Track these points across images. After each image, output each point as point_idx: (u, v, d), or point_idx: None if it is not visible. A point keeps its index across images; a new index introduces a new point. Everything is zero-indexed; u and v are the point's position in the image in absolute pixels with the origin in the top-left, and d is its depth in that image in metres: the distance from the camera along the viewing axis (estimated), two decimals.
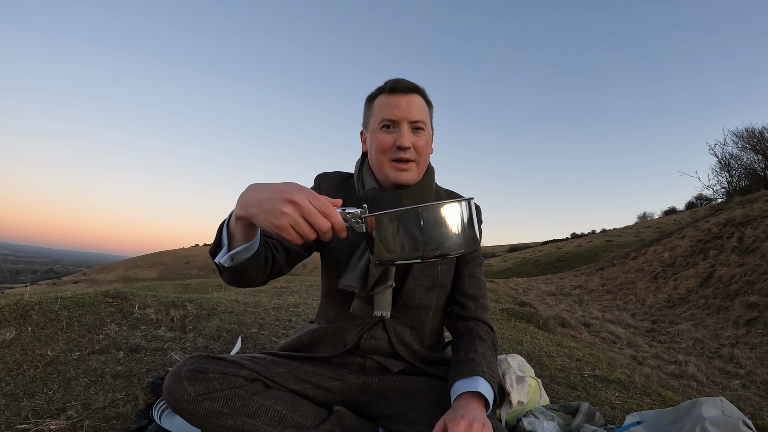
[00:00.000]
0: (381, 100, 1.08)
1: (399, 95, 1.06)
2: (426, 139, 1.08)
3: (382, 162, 1.06)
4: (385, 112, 1.05)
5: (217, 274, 0.95)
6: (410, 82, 1.08)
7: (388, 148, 1.05)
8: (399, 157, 1.04)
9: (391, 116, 1.04)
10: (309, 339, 1.13)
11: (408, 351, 1.10)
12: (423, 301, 1.11)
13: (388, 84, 1.08)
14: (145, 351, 1.70)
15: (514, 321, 3.98)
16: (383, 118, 1.06)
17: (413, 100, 1.07)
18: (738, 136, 17.32)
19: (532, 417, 1.24)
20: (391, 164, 1.06)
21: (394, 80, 1.08)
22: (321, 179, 1.18)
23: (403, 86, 1.06)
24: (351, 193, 1.15)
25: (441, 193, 1.18)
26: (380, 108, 1.07)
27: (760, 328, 5.44)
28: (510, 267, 19.63)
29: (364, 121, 1.15)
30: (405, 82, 1.07)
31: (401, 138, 1.04)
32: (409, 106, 1.05)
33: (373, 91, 1.12)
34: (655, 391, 2.02)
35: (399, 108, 1.05)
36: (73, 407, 1.27)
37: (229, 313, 2.33)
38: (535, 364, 2.09)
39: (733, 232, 8.91)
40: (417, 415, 0.99)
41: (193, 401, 0.89)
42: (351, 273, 1.03)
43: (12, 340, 1.63)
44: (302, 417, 0.95)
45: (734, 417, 1.10)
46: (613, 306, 8.04)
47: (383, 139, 1.05)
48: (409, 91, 1.07)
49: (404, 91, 1.06)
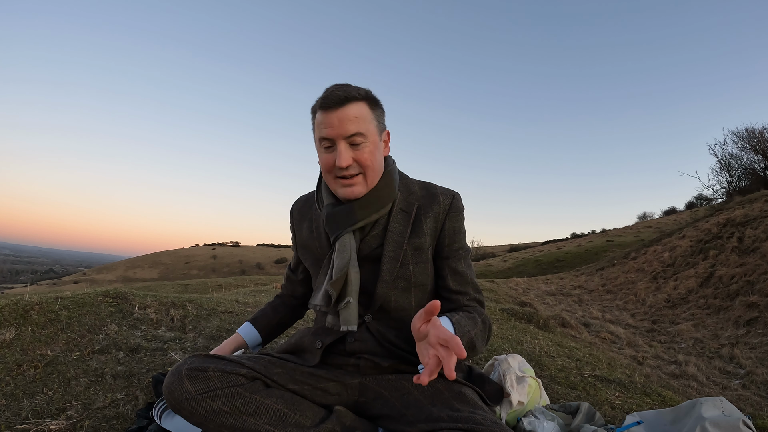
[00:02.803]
0: (318, 118, 1.03)
1: (331, 112, 1.00)
2: (370, 149, 1.03)
3: (329, 180, 1.07)
4: (321, 130, 1.02)
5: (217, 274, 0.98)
6: (343, 90, 1.01)
7: (330, 168, 1.03)
8: (342, 175, 1.03)
9: (326, 135, 1.01)
10: (296, 341, 1.16)
11: (397, 349, 1.10)
12: (400, 303, 1.10)
13: (322, 101, 1.02)
14: (145, 351, 1.70)
15: (514, 321, 3.98)
16: (321, 137, 1.03)
17: (346, 113, 1.00)
18: (738, 136, 17.31)
19: (532, 417, 1.24)
20: (336, 181, 1.05)
21: (326, 93, 1.02)
22: (293, 209, 1.27)
23: (333, 101, 1.00)
24: (313, 212, 1.20)
25: (413, 188, 1.14)
26: (318, 126, 1.04)
27: (760, 328, 5.44)
28: (510, 267, 19.63)
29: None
30: (336, 93, 1.00)
31: (339, 158, 1.00)
32: (342, 122, 0.99)
33: (314, 104, 1.06)
34: (655, 391, 2.02)
35: (332, 126, 1.00)
36: (73, 407, 1.27)
37: (229, 313, 2.33)
38: (535, 364, 2.09)
39: (733, 232, 8.91)
40: (414, 413, 0.99)
41: (193, 400, 0.89)
42: (317, 292, 1.11)
43: (12, 340, 1.63)
44: (302, 416, 0.95)
45: (734, 417, 1.10)
46: (613, 306, 8.04)
47: (325, 159, 1.04)
48: (341, 103, 1.00)
49: (335, 106, 1.00)
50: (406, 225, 1.08)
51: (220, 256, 79.70)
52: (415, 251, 1.08)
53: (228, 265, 67.85)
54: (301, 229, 1.22)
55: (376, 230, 1.08)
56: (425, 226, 1.09)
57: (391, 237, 1.07)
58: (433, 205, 1.11)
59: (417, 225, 1.09)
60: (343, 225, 1.05)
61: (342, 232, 1.05)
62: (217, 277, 16.52)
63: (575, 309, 7.61)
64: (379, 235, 1.08)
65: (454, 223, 1.13)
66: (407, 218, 1.09)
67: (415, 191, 1.14)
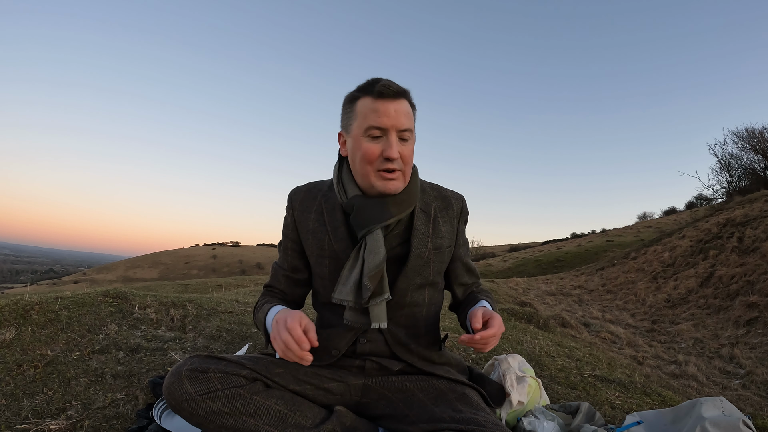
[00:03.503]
0: (366, 104, 0.99)
1: (387, 101, 0.98)
2: (412, 147, 1.03)
3: (367, 171, 1.01)
4: (372, 119, 0.98)
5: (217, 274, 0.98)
6: (397, 85, 1.00)
7: (374, 158, 0.99)
8: (386, 167, 0.99)
9: (379, 124, 0.97)
10: None
11: (406, 351, 1.10)
12: (415, 299, 1.10)
13: (374, 87, 0.99)
14: (145, 351, 1.70)
15: (514, 321, 3.98)
16: (370, 126, 0.98)
17: (401, 106, 0.99)
18: (738, 136, 17.31)
19: (532, 417, 1.24)
20: (377, 174, 1.00)
21: (381, 84, 0.99)
22: (293, 198, 1.15)
23: (392, 91, 0.98)
24: (321, 202, 1.12)
25: (426, 188, 1.16)
26: (365, 113, 0.99)
27: (760, 328, 5.44)
28: (510, 267, 19.63)
29: (343, 123, 1.06)
30: (393, 85, 0.99)
31: (390, 149, 0.98)
32: (398, 113, 0.98)
33: (353, 92, 1.03)
34: (655, 391, 2.02)
35: (388, 116, 0.97)
36: (73, 407, 1.27)
37: (229, 313, 2.33)
38: (535, 364, 2.09)
39: (733, 232, 8.91)
40: (416, 414, 0.99)
41: (193, 401, 0.89)
42: (344, 286, 1.02)
43: (12, 340, 1.63)
44: (303, 417, 0.95)
45: (734, 417, 1.10)
46: (613, 306, 8.05)
47: (370, 148, 0.99)
48: (398, 96, 0.99)
49: (393, 97, 0.98)
50: (428, 225, 1.11)
51: (220, 256, 79.74)
52: (435, 251, 1.10)
53: (228, 265, 67.88)
54: (306, 221, 1.12)
55: (398, 229, 1.08)
56: (443, 229, 1.13)
57: (416, 235, 1.08)
58: (447, 209, 1.15)
59: (436, 226, 1.12)
60: (375, 220, 1.01)
61: (374, 227, 1.01)
62: (217, 277, 16.51)
63: (575, 309, 7.61)
64: (400, 234, 1.08)
65: (464, 225, 1.21)
66: (427, 218, 1.11)
67: (427, 191, 1.15)
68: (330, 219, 1.09)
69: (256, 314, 1.14)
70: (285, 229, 1.17)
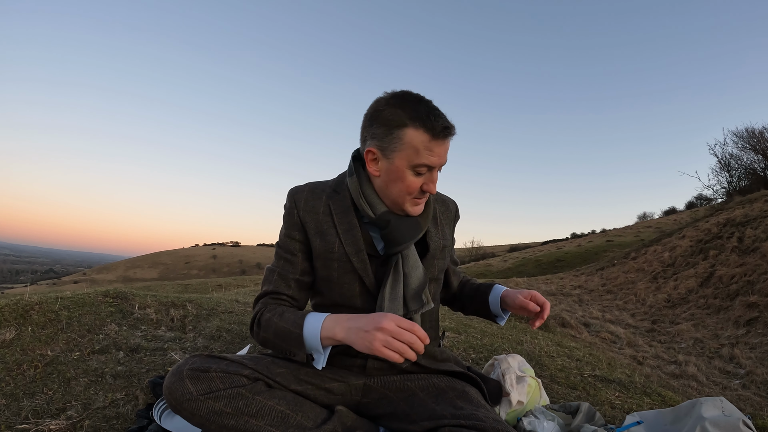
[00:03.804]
0: (420, 139, 0.97)
1: (442, 141, 0.98)
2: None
3: (403, 200, 1.03)
4: (425, 157, 0.98)
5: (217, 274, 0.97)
6: (447, 119, 0.99)
7: (415, 191, 1.02)
8: (420, 197, 1.04)
9: (431, 164, 0.99)
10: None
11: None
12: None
13: (433, 123, 0.97)
14: (145, 351, 1.70)
15: (514, 321, 3.98)
16: (422, 164, 0.98)
17: (448, 144, 1.01)
18: (738, 136, 17.30)
19: (532, 417, 1.24)
20: (412, 201, 1.04)
21: (441, 122, 0.97)
22: (295, 197, 1.11)
23: (447, 131, 0.99)
24: (327, 204, 1.10)
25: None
26: (418, 149, 0.97)
27: (760, 328, 5.44)
28: (510, 267, 19.63)
29: (379, 143, 1.01)
30: (447, 123, 0.98)
31: (432, 185, 1.02)
32: (446, 152, 1.01)
33: (399, 114, 0.98)
34: (655, 391, 2.03)
35: (440, 156, 0.99)
36: (73, 407, 1.27)
37: (229, 313, 2.33)
38: (535, 364, 2.09)
39: (733, 232, 8.91)
40: (417, 412, 1.00)
41: (195, 400, 0.89)
42: (392, 302, 1.04)
43: (12, 340, 1.63)
44: (304, 417, 0.95)
45: (734, 417, 1.10)
46: (613, 306, 8.05)
47: (414, 183, 1.01)
48: (450, 135, 1.00)
49: (446, 137, 0.99)
50: (436, 227, 1.18)
51: (220, 256, 79.72)
52: (441, 250, 1.18)
53: (228, 265, 67.86)
54: (312, 221, 1.09)
55: None
56: (446, 230, 1.20)
57: (431, 237, 1.15)
58: (446, 212, 1.23)
59: (441, 228, 1.19)
60: (411, 236, 1.06)
61: (410, 242, 1.06)
62: (217, 277, 16.48)
63: (575, 309, 7.61)
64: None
65: (456, 226, 1.29)
66: (435, 222, 1.18)
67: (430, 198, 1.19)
68: (340, 221, 1.07)
69: (275, 325, 1.01)
70: (289, 230, 1.11)
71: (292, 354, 1.01)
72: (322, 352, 0.97)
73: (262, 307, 1.06)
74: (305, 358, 1.00)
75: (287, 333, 0.98)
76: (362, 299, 1.07)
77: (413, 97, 1.00)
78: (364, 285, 1.07)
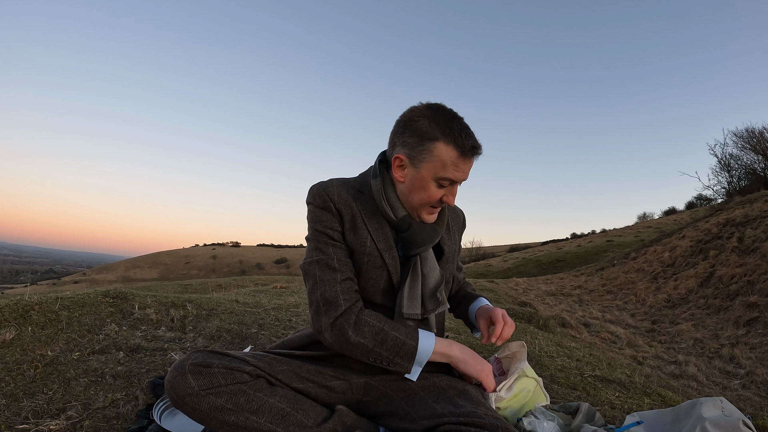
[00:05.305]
0: (449, 154, 1.01)
1: (469, 159, 1.03)
2: None
3: (422, 208, 1.08)
4: (451, 172, 1.02)
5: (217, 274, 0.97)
6: (476, 138, 1.04)
7: (435, 201, 1.07)
8: (437, 206, 1.09)
9: (455, 178, 1.04)
10: (310, 340, 1.14)
11: None
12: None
13: (464, 141, 1.00)
14: (145, 351, 1.70)
15: (515, 321, 3.98)
16: (447, 177, 1.02)
17: (473, 161, 1.06)
18: (738, 136, 17.32)
19: (532, 417, 1.24)
20: (429, 210, 1.10)
21: (471, 142, 1.01)
22: (327, 191, 1.09)
23: (476, 150, 1.03)
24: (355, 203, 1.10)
25: None
26: (445, 163, 1.01)
27: (760, 328, 5.44)
28: (510, 267, 19.64)
29: (409, 152, 1.04)
30: (478, 145, 1.03)
31: (452, 198, 1.08)
32: (470, 168, 1.06)
33: (433, 126, 1.01)
34: (655, 391, 2.02)
35: (464, 173, 1.04)
36: (73, 407, 1.27)
37: (229, 313, 2.33)
38: (535, 364, 2.09)
39: (733, 232, 8.91)
40: (418, 411, 1.00)
41: (196, 395, 0.89)
42: (410, 301, 1.08)
43: (12, 340, 1.63)
44: (305, 416, 0.95)
45: (734, 417, 1.10)
46: (613, 306, 8.05)
47: (435, 194, 1.05)
48: (477, 154, 1.04)
49: (474, 156, 1.04)
50: (449, 233, 1.24)
51: (220, 256, 79.71)
52: (453, 255, 1.25)
53: (228, 265, 67.86)
54: (347, 216, 1.09)
55: None
56: (456, 236, 1.28)
57: (446, 242, 1.21)
58: (456, 219, 1.29)
59: (453, 234, 1.26)
60: (429, 241, 1.12)
61: (428, 246, 1.12)
62: (217, 277, 16.50)
63: (575, 309, 7.61)
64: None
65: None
66: (448, 229, 1.24)
67: None
68: (369, 220, 1.10)
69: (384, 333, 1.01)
70: (328, 222, 1.08)
71: (393, 364, 1.02)
72: (422, 365, 1.05)
73: (352, 305, 1.03)
74: (409, 370, 1.04)
75: (400, 343, 1.02)
76: (383, 296, 1.10)
77: (447, 112, 1.04)
78: (389, 281, 1.09)
